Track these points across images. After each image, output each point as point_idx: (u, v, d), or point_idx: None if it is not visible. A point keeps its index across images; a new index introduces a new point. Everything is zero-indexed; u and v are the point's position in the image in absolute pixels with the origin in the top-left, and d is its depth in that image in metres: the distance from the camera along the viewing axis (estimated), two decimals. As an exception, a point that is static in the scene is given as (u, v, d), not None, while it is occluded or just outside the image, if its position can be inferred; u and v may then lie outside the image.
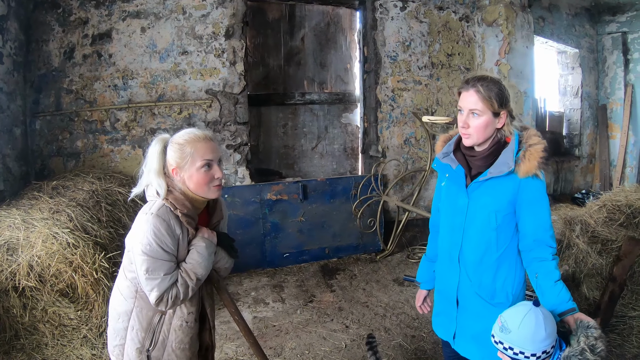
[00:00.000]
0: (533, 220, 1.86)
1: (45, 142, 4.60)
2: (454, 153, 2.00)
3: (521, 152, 1.81)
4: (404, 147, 5.94)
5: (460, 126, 1.89)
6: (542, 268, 1.84)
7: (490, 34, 5.98)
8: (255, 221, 5.03)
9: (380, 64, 5.71)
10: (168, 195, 1.73)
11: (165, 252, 1.68)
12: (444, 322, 2.13)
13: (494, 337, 1.66)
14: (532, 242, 1.87)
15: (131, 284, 1.79)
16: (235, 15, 4.96)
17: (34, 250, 3.08)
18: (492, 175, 1.84)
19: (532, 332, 1.57)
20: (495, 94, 1.81)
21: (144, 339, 1.81)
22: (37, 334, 3.21)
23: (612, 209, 4.36)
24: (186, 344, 1.87)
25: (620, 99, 7.23)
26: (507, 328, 1.61)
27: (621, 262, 3.82)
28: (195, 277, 1.75)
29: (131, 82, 4.73)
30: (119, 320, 1.84)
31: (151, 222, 1.67)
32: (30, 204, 3.63)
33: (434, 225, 2.31)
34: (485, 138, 1.87)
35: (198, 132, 1.80)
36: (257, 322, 3.88)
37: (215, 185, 1.80)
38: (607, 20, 7.29)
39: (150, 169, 1.76)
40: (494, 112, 1.83)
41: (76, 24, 4.54)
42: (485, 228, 1.90)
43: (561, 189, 7.28)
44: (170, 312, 1.83)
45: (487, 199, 1.89)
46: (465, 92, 1.87)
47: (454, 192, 2.01)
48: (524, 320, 1.58)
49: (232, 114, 5.06)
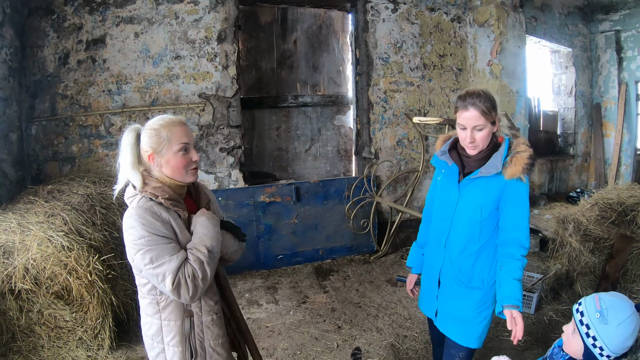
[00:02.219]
0: (512, 219, 2.08)
1: (41, 146, 4.65)
2: (449, 152, 2.22)
3: (509, 157, 2.03)
4: (396, 148, 5.98)
5: (468, 142, 2.06)
6: (509, 264, 2.07)
7: (482, 34, 6.02)
8: (248, 223, 5.07)
9: (372, 66, 5.76)
10: (144, 188, 1.69)
11: (161, 237, 1.64)
12: (428, 301, 2.38)
13: (583, 316, 1.62)
14: (507, 238, 2.09)
15: (152, 299, 1.76)
16: (227, 20, 5.02)
17: (29, 254, 3.11)
18: (482, 174, 2.05)
19: (626, 337, 1.54)
20: (491, 106, 2.01)
21: (183, 352, 1.77)
22: (34, 336, 3.26)
23: (603, 207, 4.38)
24: (223, 336, 1.86)
25: (614, 98, 7.25)
26: (606, 318, 1.56)
27: (614, 260, 3.87)
28: (205, 249, 1.68)
29: (125, 87, 4.79)
30: (154, 345, 1.80)
31: (135, 216, 1.64)
32: (26, 208, 3.67)
33: (426, 214, 2.52)
34: (488, 143, 2.08)
35: (172, 117, 1.77)
36: (250, 324, 3.92)
37: (192, 169, 1.77)
38: (600, 19, 7.31)
39: (125, 162, 1.71)
40: (492, 122, 2.04)
41: (70, 29, 4.60)
42: (471, 220, 2.13)
43: (556, 187, 7.31)
44: (197, 311, 1.78)
45: (475, 194, 2.11)
46: (464, 110, 2.03)
47: (447, 187, 2.22)
48: (626, 321, 1.54)
49: (225, 118, 5.11)
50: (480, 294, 2.16)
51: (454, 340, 2.23)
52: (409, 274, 2.62)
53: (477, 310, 2.16)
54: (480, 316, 2.17)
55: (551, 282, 4.28)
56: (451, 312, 2.23)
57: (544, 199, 6.81)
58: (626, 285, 3.98)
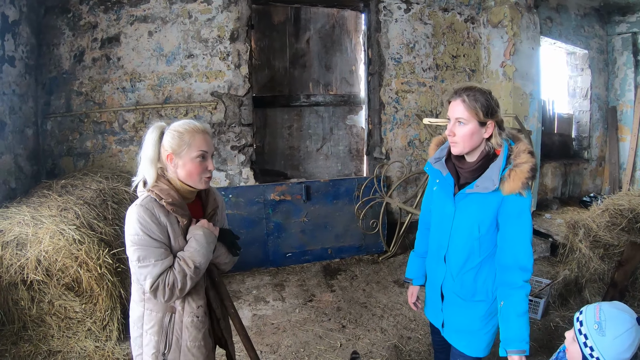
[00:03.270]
0: (510, 238, 1.93)
1: (56, 142, 4.76)
2: (445, 161, 2.08)
3: (507, 170, 1.86)
4: (407, 149, 5.98)
5: (447, 134, 1.96)
6: (509, 297, 1.91)
7: (496, 35, 5.98)
8: (258, 221, 5.12)
9: (384, 66, 5.76)
10: (154, 187, 1.75)
11: (153, 240, 1.70)
12: (434, 311, 2.26)
13: (582, 325, 1.63)
14: (506, 262, 1.94)
15: (139, 287, 1.83)
16: (239, 19, 5.07)
17: (41, 246, 3.19)
18: (477, 189, 1.91)
19: (623, 349, 1.55)
20: (481, 104, 1.86)
21: (158, 342, 1.82)
22: (44, 326, 3.36)
23: (614, 213, 4.29)
24: (200, 340, 1.88)
25: (631, 101, 7.10)
26: (604, 330, 1.57)
27: (623, 268, 3.79)
28: (193, 265, 1.74)
29: (139, 84, 4.87)
30: (135, 328, 1.87)
31: (135, 212, 1.70)
32: (39, 201, 3.76)
33: (423, 222, 2.43)
34: (472, 147, 1.93)
35: (197, 124, 1.82)
36: (256, 320, 3.97)
37: (206, 177, 1.83)
38: (617, 21, 7.18)
39: (145, 156, 1.78)
40: (480, 122, 1.89)
41: (86, 28, 4.70)
42: (469, 236, 2.00)
43: (569, 192, 7.21)
44: (179, 309, 1.83)
45: (472, 210, 1.97)
46: (453, 101, 1.93)
47: (442, 199, 2.11)
48: (624, 335, 1.55)
49: (237, 116, 5.17)
50: (485, 306, 2.05)
51: (460, 350, 2.13)
52: (410, 285, 2.52)
53: (483, 322, 2.06)
54: (487, 327, 2.07)
55: (559, 288, 4.23)
56: (458, 325, 2.13)
57: (557, 202, 6.73)
58: (635, 293, 3.89)
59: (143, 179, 1.80)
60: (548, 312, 4.06)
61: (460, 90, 1.91)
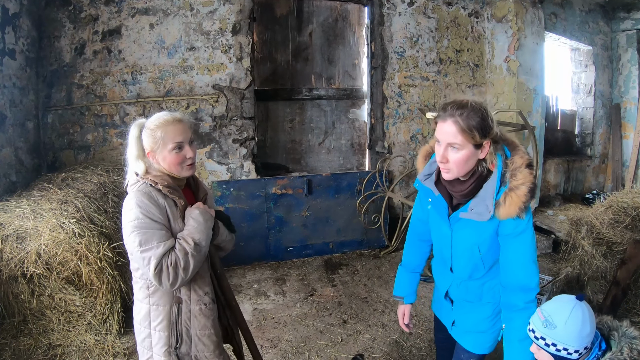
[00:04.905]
0: (512, 259, 1.80)
1: (56, 135, 4.73)
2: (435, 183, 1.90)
3: (502, 194, 1.69)
4: (410, 143, 5.95)
5: (439, 160, 1.72)
6: (511, 321, 1.81)
7: (500, 30, 5.94)
8: (259, 215, 5.11)
9: (387, 60, 5.72)
10: (146, 175, 1.80)
11: (154, 222, 1.72)
12: (444, 311, 2.19)
13: (534, 332, 1.64)
14: (507, 282, 1.83)
15: (143, 283, 1.83)
16: (242, 12, 5.03)
17: (41, 239, 3.18)
18: (471, 216, 1.76)
19: (579, 328, 1.55)
20: (476, 124, 1.62)
21: (168, 337, 1.83)
22: (44, 319, 3.35)
23: (617, 211, 4.29)
24: (210, 328, 1.89)
25: (635, 98, 7.06)
26: (552, 323, 1.58)
27: (625, 266, 3.76)
28: (192, 242, 1.75)
29: (140, 77, 4.84)
30: (141, 329, 1.86)
31: (134, 198, 1.72)
32: (40, 194, 3.74)
33: (414, 234, 2.27)
34: (467, 171, 1.73)
35: (167, 116, 1.84)
36: (256, 314, 3.97)
37: (188, 165, 1.84)
38: (622, 17, 7.13)
39: (131, 154, 1.83)
40: (476, 144, 1.66)
41: (87, 20, 4.66)
42: (471, 256, 1.90)
43: (572, 188, 7.19)
44: (185, 299, 1.84)
45: (468, 233, 1.85)
46: (442, 121, 1.67)
47: (438, 220, 1.98)
48: (571, 316, 1.56)
49: (239, 109, 5.14)
50: (491, 307, 1.99)
51: (466, 348, 2.08)
52: (400, 304, 2.30)
53: (491, 322, 2.01)
54: (494, 327, 2.02)
55: (561, 285, 4.22)
56: (467, 326, 2.06)
57: (559, 199, 6.71)
58: (637, 292, 3.87)
59: (135, 172, 1.84)
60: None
61: (451, 109, 1.65)
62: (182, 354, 1.85)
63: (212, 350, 1.90)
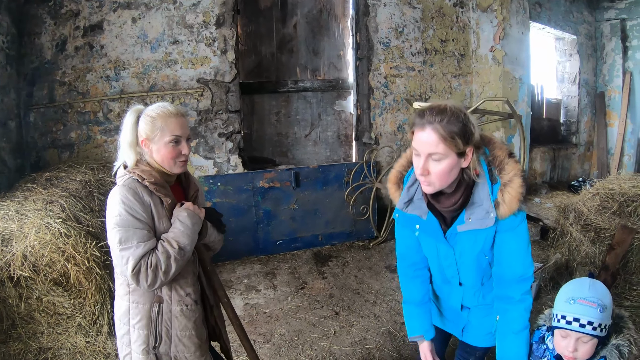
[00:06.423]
0: (507, 252, 1.71)
1: (39, 134, 4.65)
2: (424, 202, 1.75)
3: (498, 192, 1.60)
4: (397, 133, 5.95)
5: (419, 173, 1.58)
6: (506, 313, 1.73)
7: (485, 19, 5.94)
8: (247, 209, 5.08)
9: (372, 51, 5.70)
10: (134, 169, 1.74)
11: (137, 220, 1.67)
12: (453, 322, 2.06)
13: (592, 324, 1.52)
14: (501, 274, 1.75)
15: (123, 280, 1.79)
16: (225, 4, 4.96)
17: (27, 241, 3.11)
18: (472, 226, 1.65)
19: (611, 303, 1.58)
20: (458, 130, 1.50)
21: (147, 336, 1.78)
22: (33, 323, 3.27)
23: (605, 197, 4.35)
24: (191, 329, 1.84)
25: (619, 87, 7.15)
26: (605, 305, 1.54)
27: (614, 251, 3.83)
28: (177, 246, 1.70)
29: (123, 72, 4.76)
30: (121, 325, 1.82)
31: (119, 193, 1.68)
32: (24, 195, 3.67)
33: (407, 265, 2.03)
34: (449, 182, 1.60)
35: (170, 107, 1.80)
36: (248, 309, 3.96)
37: (181, 161, 1.81)
38: (606, 7, 7.19)
39: (124, 140, 1.78)
40: (459, 153, 1.54)
41: (67, 16, 4.56)
42: (478, 266, 1.79)
43: (558, 176, 7.27)
44: (167, 298, 1.79)
45: (471, 243, 1.73)
46: (420, 130, 1.54)
47: (432, 242, 1.83)
48: (607, 293, 1.58)
49: (224, 103, 5.09)
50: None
51: (471, 344, 2.00)
52: (421, 344, 1.98)
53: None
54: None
55: (551, 271, 4.26)
56: (481, 329, 1.94)
57: (546, 187, 6.78)
58: (626, 277, 3.94)
59: (123, 163, 1.79)
60: (540, 295, 4.10)
61: (429, 115, 1.52)
62: (160, 353, 1.81)
63: (192, 352, 1.86)
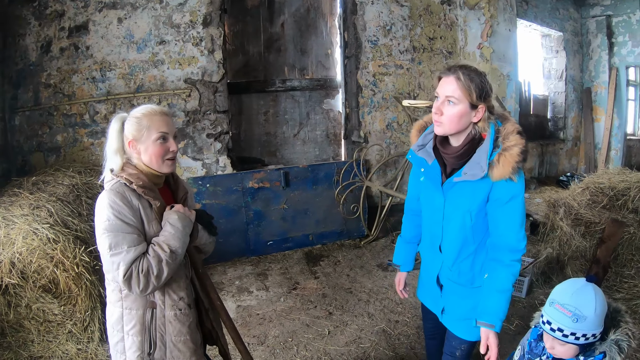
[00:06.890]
0: (502, 222, 1.85)
1: (25, 137, 4.56)
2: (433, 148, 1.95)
3: (495, 155, 1.75)
4: (386, 131, 5.96)
5: (434, 112, 1.80)
6: (494, 271, 1.87)
7: (473, 17, 5.96)
8: (237, 210, 5.04)
9: (360, 49, 5.69)
10: (121, 173, 1.72)
11: (126, 224, 1.65)
12: (432, 298, 2.20)
13: (562, 331, 1.58)
14: (496, 242, 1.88)
15: (115, 286, 1.76)
16: (212, 3, 4.90)
17: (14, 247, 3.06)
18: (465, 177, 1.80)
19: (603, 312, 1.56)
20: (476, 85, 1.72)
21: (142, 342, 1.76)
22: (23, 331, 3.21)
23: (595, 192, 4.41)
24: (186, 334, 1.83)
25: (605, 82, 7.27)
26: (583, 316, 1.54)
27: (605, 245, 3.87)
28: (169, 250, 1.68)
29: (109, 73, 4.68)
30: (114, 333, 1.80)
31: (107, 197, 1.65)
32: (10, 200, 3.60)
33: (410, 209, 2.34)
34: (458, 129, 1.80)
35: (155, 107, 1.81)
36: (240, 311, 3.93)
37: (169, 159, 1.79)
38: (592, 4, 7.28)
39: (110, 148, 1.77)
40: (472, 104, 1.74)
41: (52, 17, 4.47)
42: (462, 226, 1.92)
43: (546, 171, 7.35)
44: (160, 303, 1.77)
45: (461, 199, 1.88)
46: (445, 77, 1.78)
47: (431, 190, 2.00)
48: (597, 302, 1.54)
49: (212, 103, 5.04)
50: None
51: (458, 335, 2.09)
52: (397, 272, 2.42)
53: None
54: None
55: (542, 266, 4.30)
56: (458, 312, 2.06)
57: (535, 182, 6.85)
58: (617, 269, 4.01)
59: (110, 169, 1.77)
60: (532, 290, 4.14)
61: (456, 67, 1.76)
62: (155, 359, 1.79)
63: (188, 357, 1.84)
